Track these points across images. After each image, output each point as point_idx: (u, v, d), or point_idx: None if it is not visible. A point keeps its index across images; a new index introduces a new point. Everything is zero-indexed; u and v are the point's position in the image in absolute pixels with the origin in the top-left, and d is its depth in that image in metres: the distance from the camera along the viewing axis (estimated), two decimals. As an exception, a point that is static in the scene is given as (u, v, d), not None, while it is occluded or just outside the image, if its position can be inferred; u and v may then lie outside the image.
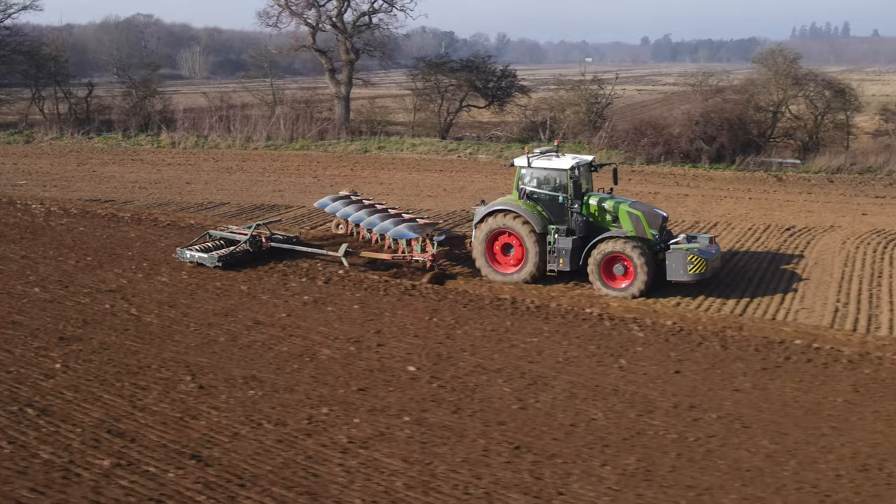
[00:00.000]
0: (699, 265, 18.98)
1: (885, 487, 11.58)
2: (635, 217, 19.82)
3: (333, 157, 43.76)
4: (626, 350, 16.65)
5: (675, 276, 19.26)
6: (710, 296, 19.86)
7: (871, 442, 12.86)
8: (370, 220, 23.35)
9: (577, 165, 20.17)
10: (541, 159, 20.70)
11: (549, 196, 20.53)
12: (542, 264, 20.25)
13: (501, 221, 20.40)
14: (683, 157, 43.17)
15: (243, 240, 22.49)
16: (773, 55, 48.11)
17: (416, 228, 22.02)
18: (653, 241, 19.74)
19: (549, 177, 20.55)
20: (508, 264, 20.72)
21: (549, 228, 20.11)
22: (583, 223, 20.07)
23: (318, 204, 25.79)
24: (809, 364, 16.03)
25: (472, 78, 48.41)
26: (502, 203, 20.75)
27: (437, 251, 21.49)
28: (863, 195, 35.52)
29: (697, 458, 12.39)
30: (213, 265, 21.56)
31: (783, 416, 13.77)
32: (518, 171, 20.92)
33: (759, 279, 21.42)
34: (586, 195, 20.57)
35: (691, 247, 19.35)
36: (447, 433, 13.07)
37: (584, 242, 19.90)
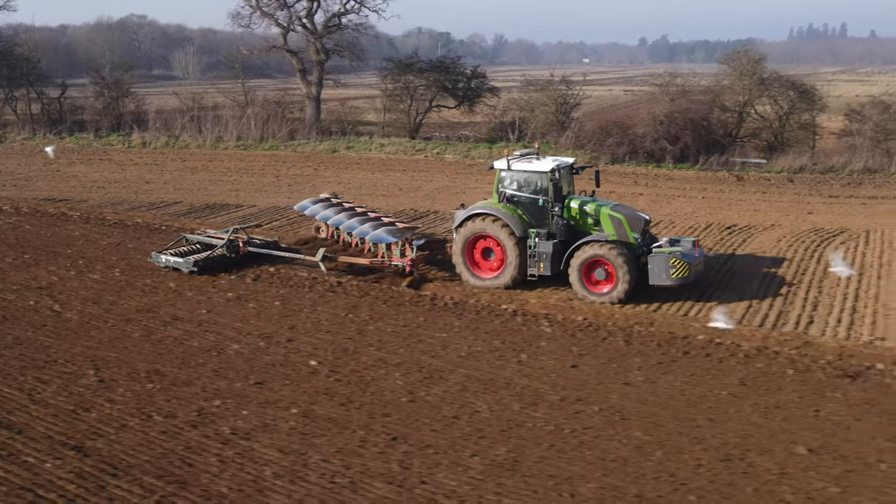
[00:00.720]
0: (682, 269, 18.69)
1: (741, 476, 11.89)
2: (617, 220, 19.44)
3: (301, 157, 44.08)
4: (529, 345, 16.97)
5: (657, 281, 18.94)
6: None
7: (742, 433, 13.16)
8: (349, 223, 22.91)
9: (557, 168, 19.76)
10: (521, 162, 20.30)
11: (530, 199, 20.08)
12: (522, 269, 19.78)
13: (481, 225, 19.95)
14: (647, 157, 43.47)
15: (220, 244, 22.17)
16: (738, 56, 48.38)
17: (395, 232, 21.59)
18: (635, 244, 19.36)
19: (530, 179, 20.10)
20: (489, 269, 20.25)
21: (530, 232, 19.71)
22: (564, 227, 19.68)
23: (298, 207, 25.43)
24: (706, 359, 16.35)
25: (440, 78, 48.70)
26: (482, 206, 20.26)
27: (417, 256, 21.09)
28: (817, 194, 35.83)
29: (568, 449, 12.69)
30: (188, 270, 21.24)
31: (664, 408, 14.08)
32: (498, 174, 20.45)
33: (684, 276, 21.70)
34: (567, 198, 20.16)
35: (674, 250, 18.97)
36: (330, 425, 13.39)
37: (566, 246, 19.44)
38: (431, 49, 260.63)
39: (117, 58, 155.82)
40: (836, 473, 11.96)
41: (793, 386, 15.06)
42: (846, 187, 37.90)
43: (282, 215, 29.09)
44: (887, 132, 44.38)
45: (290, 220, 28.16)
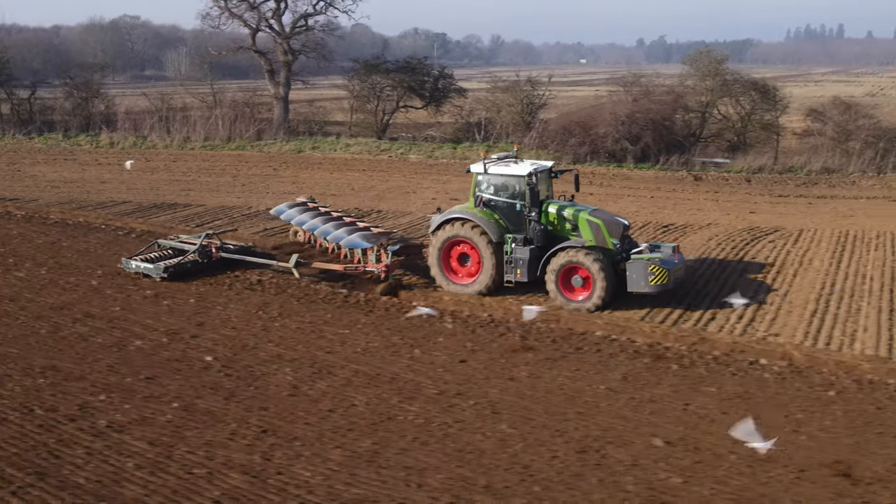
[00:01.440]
0: (661, 276, 18.19)
1: (591, 467, 12.17)
2: (595, 226, 18.98)
3: (265, 157, 44.41)
4: (427, 341, 17.28)
5: (635, 288, 18.46)
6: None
7: (606, 426, 13.45)
8: (324, 228, 22.60)
9: (534, 172, 19.22)
10: (498, 165, 19.83)
11: (507, 204, 19.59)
12: (499, 275, 19.33)
13: (457, 230, 19.50)
14: (609, 157, 43.72)
15: (192, 250, 21.87)
16: (700, 57, 48.65)
17: (370, 238, 21.24)
18: (613, 250, 18.90)
19: (506, 184, 19.62)
20: (465, 275, 19.79)
21: (506, 237, 19.24)
22: (541, 232, 19.20)
23: (275, 211, 25.17)
24: (596, 354, 16.67)
25: (407, 79, 48.99)
26: (458, 211, 19.82)
27: (392, 261, 20.71)
28: (768, 194, 36.12)
29: (431, 441, 12.98)
30: (158, 277, 20.90)
31: (539, 402, 14.36)
32: (474, 178, 19.93)
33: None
34: (545, 203, 19.70)
35: (652, 257, 18.47)
36: (206, 418, 13.70)
37: (543, 252, 18.99)
38: (427, 50, 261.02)
39: (109, 58, 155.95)
40: (685, 465, 12.24)
41: (672, 381, 15.34)
42: (800, 187, 38.19)
43: (227, 214, 29.39)
44: (847, 132, 44.65)
45: (233, 220, 28.44)
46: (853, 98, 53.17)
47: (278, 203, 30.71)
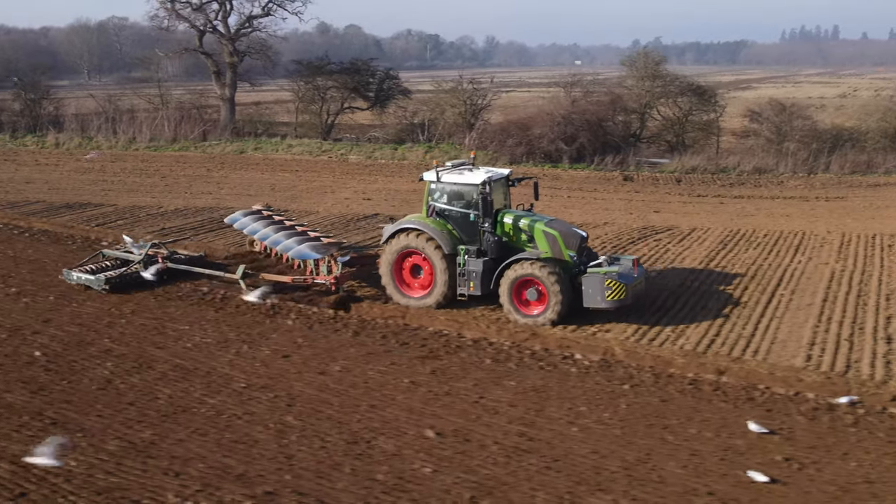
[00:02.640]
0: (618, 291, 17.31)
1: (353, 458, 12.50)
2: (551, 237, 18.19)
3: (206, 157, 44.82)
4: (261, 337, 17.66)
5: (591, 303, 17.63)
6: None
7: (390, 419, 13.79)
8: (275, 238, 21.90)
9: (488, 180, 18.39)
10: (451, 173, 19.03)
11: (460, 213, 18.83)
12: (452, 288, 18.59)
13: (409, 241, 18.79)
14: (545, 158, 44.06)
15: (136, 260, 21.21)
16: (639, 58, 49.00)
17: (320, 248, 20.57)
18: (570, 263, 18.12)
19: (460, 192, 18.86)
20: (419, 287, 19.03)
21: (459, 249, 18.47)
22: (495, 243, 18.42)
23: (228, 219, 24.42)
24: (421, 349, 17.03)
25: (348, 80, 49.37)
26: (410, 221, 19.14)
27: (342, 273, 19.89)
28: (688, 194, 36.50)
29: (211, 432, 13.33)
30: (100, 288, 20.20)
31: (339, 396, 14.70)
32: (427, 186, 19.19)
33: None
34: (501, 212, 18.91)
35: (610, 270, 17.64)
36: (2, 410, 14.05)
37: (497, 264, 18.19)
38: (420, 51, 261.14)
39: (96, 59, 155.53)
40: (445, 455, 12.58)
41: (479, 375, 15.69)
42: (724, 187, 38.56)
43: (132, 214, 29.82)
44: (783, 133, 45.01)
45: (138, 219, 28.89)
46: (793, 98, 53.58)
47: (192, 202, 31.32)
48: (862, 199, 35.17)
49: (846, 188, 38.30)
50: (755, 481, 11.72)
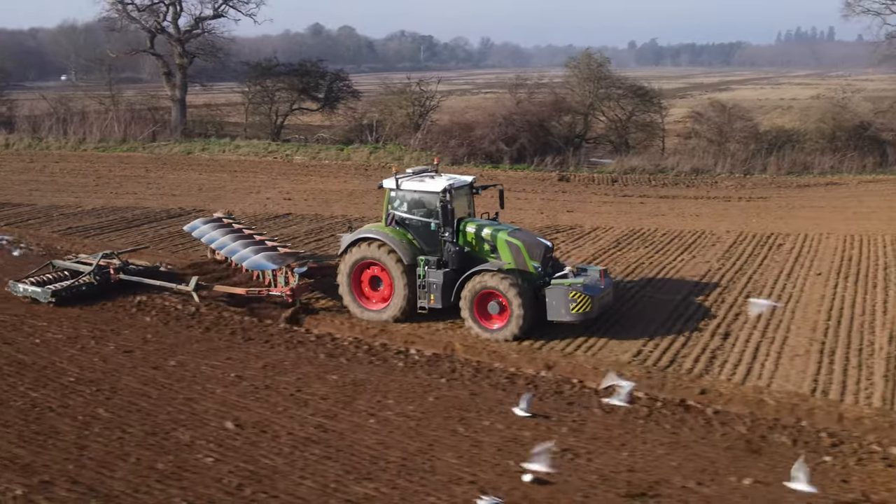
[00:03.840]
0: (583, 303, 16.65)
1: (145, 448, 12.80)
2: (515, 247, 17.39)
3: (151, 158, 45.21)
4: (114, 333, 17.96)
5: (555, 316, 16.92)
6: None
7: (199, 411, 14.10)
8: (232, 247, 21.13)
9: (449, 188, 17.63)
10: (412, 180, 18.26)
11: (421, 222, 18.05)
12: (412, 300, 17.84)
13: (366, 252, 18.02)
14: (486, 158, 44.40)
15: (87, 271, 20.27)
16: (582, 60, 49.35)
17: (276, 259, 19.83)
18: (535, 274, 17.35)
19: (420, 200, 18.07)
20: (378, 300, 18.28)
21: (419, 260, 17.72)
22: (456, 253, 17.58)
23: (188, 227, 23.51)
24: (265, 345, 17.36)
25: (296, 82, 49.75)
26: (368, 230, 18.34)
27: (299, 284, 19.18)
28: (613, 194, 36.90)
29: (16, 423, 13.52)
30: (46, 301, 19.33)
31: (161, 389, 15.01)
32: (387, 194, 18.41)
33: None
34: (463, 221, 18.06)
35: (574, 282, 16.92)
36: None
37: (458, 276, 17.38)
38: (413, 52, 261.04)
39: (83, 60, 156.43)
40: (234, 445, 12.91)
41: (309, 370, 16.03)
42: (656, 187, 38.93)
43: (47, 214, 30.17)
44: (724, 134, 45.34)
45: (50, 219, 29.30)
46: (733, 100, 53.84)
47: (112, 202, 31.71)
48: (785, 199, 35.51)
49: (775, 189, 38.65)
50: (526, 470, 12.00)
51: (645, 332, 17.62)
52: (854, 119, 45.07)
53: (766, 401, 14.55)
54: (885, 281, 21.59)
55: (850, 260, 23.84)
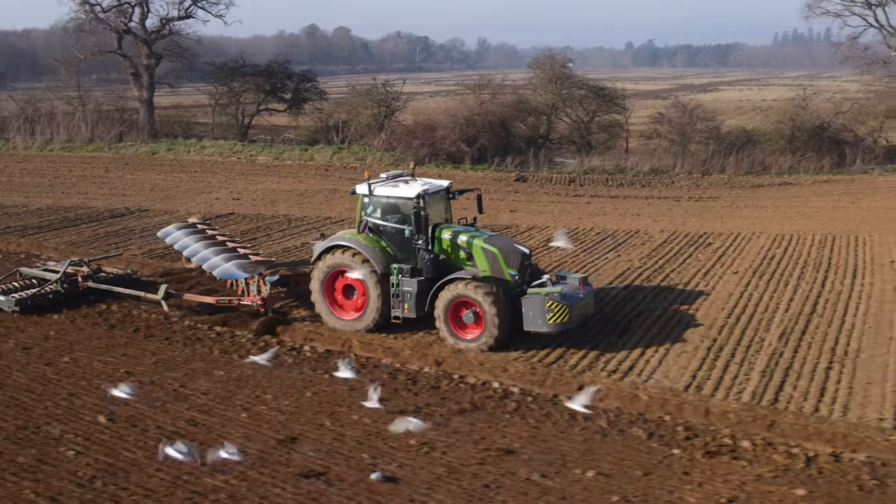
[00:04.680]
0: (560, 313, 16.00)
1: (12, 442, 13.08)
2: (491, 254, 16.87)
3: (116, 158, 45.46)
4: (18, 331, 18.17)
5: (532, 327, 16.34)
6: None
7: (79, 406, 14.35)
8: (203, 254, 20.26)
9: (424, 193, 17.00)
10: (385, 186, 17.66)
11: (394, 229, 17.52)
12: (386, 310, 17.26)
13: (339, 259, 17.48)
14: (448, 158, 44.64)
15: (53, 279, 19.71)
16: (545, 60, 49.60)
17: (247, 267, 19.07)
18: (511, 282, 16.79)
19: (394, 206, 17.57)
20: (352, 309, 17.71)
21: (392, 268, 17.17)
22: (430, 261, 17.00)
23: (161, 233, 22.58)
24: (148, 339, 17.60)
25: (261, 82, 50.01)
26: (341, 237, 17.88)
27: (271, 293, 18.58)
28: (564, 194, 37.23)
29: None
30: (10, 310, 18.80)
31: (45, 384, 15.25)
32: (360, 200, 17.88)
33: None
34: (439, 227, 17.56)
35: (552, 291, 16.28)
36: None
37: (433, 284, 16.85)
38: (408, 53, 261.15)
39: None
40: (101, 439, 13.07)
41: (197, 365, 16.23)
42: (612, 187, 39.27)
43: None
44: (685, 135, 45.59)
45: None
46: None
47: (60, 202, 31.94)
48: (734, 199, 35.72)
49: (728, 189, 38.90)
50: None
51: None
52: (814, 120, 45.33)
53: (640, 396, 14.75)
54: (797, 280, 21.78)
55: (772, 259, 24.04)
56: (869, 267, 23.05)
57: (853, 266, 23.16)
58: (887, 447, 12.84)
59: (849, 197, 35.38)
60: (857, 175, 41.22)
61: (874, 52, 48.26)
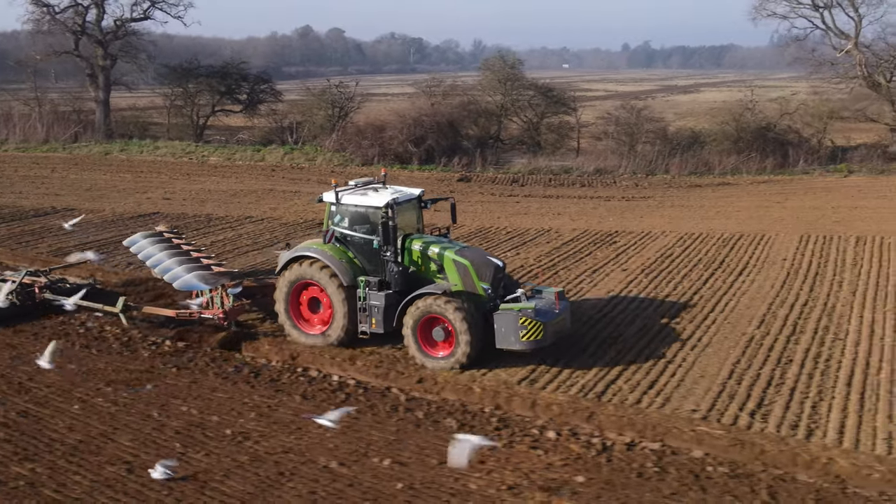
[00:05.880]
0: (534, 330, 15.12)
1: None
2: (462, 267, 15.90)
3: (68, 158, 45.82)
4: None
5: (504, 344, 15.43)
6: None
7: None
8: (164, 265, 19.16)
9: (393, 202, 16.14)
10: (353, 194, 16.81)
11: (363, 240, 16.65)
12: (353, 324, 16.44)
13: (304, 271, 16.66)
14: (396, 159, 44.98)
15: (6, 290, 18.69)
16: (495, 62, 49.98)
17: (209, 278, 18.21)
18: (484, 296, 15.88)
19: (363, 216, 16.71)
20: (318, 322, 16.95)
21: (359, 281, 16.33)
22: (399, 274, 16.13)
23: (127, 242, 21.39)
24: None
25: (215, 83, 50.38)
26: (307, 248, 16.99)
27: (233, 306, 17.74)
28: (498, 194, 37.62)
29: None
30: None
31: None
32: (327, 209, 17.10)
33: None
34: (409, 238, 16.64)
35: (525, 306, 15.40)
36: None
37: (402, 298, 15.95)
38: (402, 55, 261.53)
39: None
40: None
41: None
42: (551, 187, 39.74)
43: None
44: (633, 135, 45.94)
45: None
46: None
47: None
48: (666, 199, 36.07)
49: (665, 188, 39.27)
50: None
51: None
52: (759, 121, 45.69)
53: (475, 389, 15.06)
54: (680, 277, 22.09)
55: (667, 257, 24.34)
56: (759, 265, 23.35)
57: (744, 264, 23.46)
58: (691, 437, 13.16)
59: (779, 197, 35.68)
60: (798, 176, 41.53)
61: (821, 54, 48.49)
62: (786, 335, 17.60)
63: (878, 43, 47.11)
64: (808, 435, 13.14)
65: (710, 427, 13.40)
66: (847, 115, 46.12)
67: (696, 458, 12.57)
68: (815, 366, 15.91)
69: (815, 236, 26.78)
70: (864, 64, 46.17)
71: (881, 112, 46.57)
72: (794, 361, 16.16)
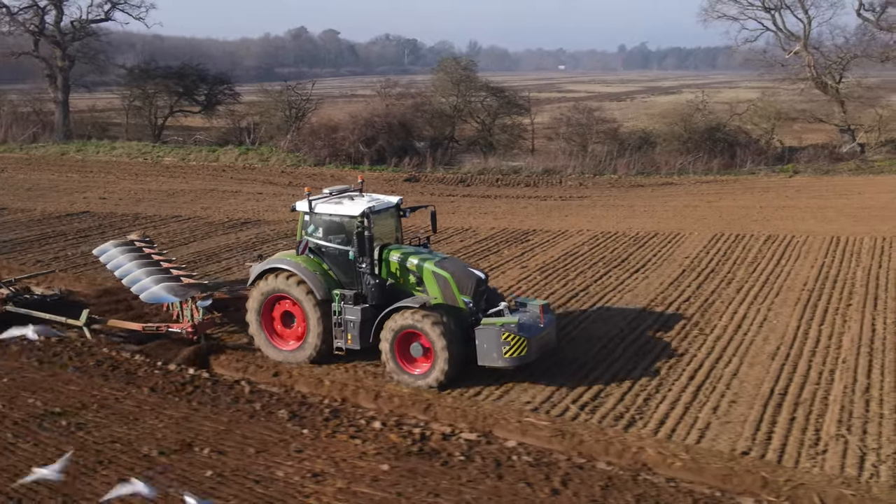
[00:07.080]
0: (518, 346, 14.39)
1: None
2: (442, 279, 15.23)
3: (23, 158, 46.27)
4: None
5: (486, 361, 14.66)
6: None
7: None
8: (134, 275, 18.39)
9: (369, 211, 15.40)
10: (327, 202, 16.10)
11: (338, 251, 15.91)
12: (328, 339, 15.72)
13: (276, 284, 15.93)
14: (347, 159, 45.32)
15: None
16: (448, 63, 50.32)
17: (177, 290, 17.46)
18: (465, 310, 15.19)
19: (337, 225, 16.02)
20: (293, 338, 16.23)
21: (334, 294, 15.58)
22: (375, 287, 15.42)
23: (97, 251, 20.60)
24: None
25: (172, 84, 50.74)
26: (279, 260, 16.27)
27: (203, 319, 17.14)
28: (438, 194, 37.86)
29: None
30: None
31: None
32: (301, 218, 16.36)
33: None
34: (387, 249, 15.89)
35: (507, 321, 14.65)
36: None
37: (379, 312, 15.23)
38: (397, 56, 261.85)
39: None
40: None
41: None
42: (495, 187, 40.09)
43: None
44: (584, 136, 46.26)
45: None
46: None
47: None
48: (602, 199, 36.34)
49: (607, 188, 39.57)
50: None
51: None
52: (709, 121, 45.99)
53: (324, 382, 15.35)
54: (575, 275, 22.38)
55: (573, 255, 24.63)
56: (659, 263, 23.64)
57: (644, 262, 23.75)
58: (516, 427, 13.43)
59: (714, 196, 35.95)
60: (744, 176, 41.82)
61: (772, 56, 48.82)
62: (654, 330, 17.88)
63: (826, 44, 47.42)
64: (628, 426, 13.41)
65: (536, 418, 13.68)
66: (795, 115, 46.40)
67: (507, 447, 12.84)
68: (667, 360, 16.17)
69: (727, 235, 27.09)
70: (814, 65, 46.43)
71: (831, 113, 46.86)
72: (648, 355, 16.43)
